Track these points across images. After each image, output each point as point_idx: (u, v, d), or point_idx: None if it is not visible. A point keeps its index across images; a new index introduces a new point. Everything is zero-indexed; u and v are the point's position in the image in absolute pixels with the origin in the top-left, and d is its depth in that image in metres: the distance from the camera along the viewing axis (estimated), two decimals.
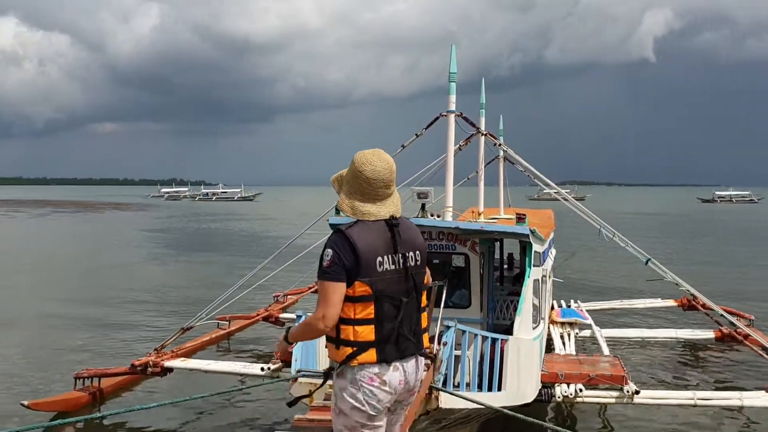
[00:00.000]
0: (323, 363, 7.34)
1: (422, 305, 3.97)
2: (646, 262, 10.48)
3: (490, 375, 7.10)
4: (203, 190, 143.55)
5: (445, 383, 6.54)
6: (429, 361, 6.37)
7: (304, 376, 6.40)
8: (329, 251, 3.64)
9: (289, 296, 15.54)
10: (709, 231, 49.83)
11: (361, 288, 3.63)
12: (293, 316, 12.45)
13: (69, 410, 9.42)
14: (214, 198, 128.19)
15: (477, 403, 6.08)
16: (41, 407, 9.22)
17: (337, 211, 8.57)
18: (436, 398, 6.13)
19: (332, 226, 8.55)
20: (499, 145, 12.12)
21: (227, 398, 9.85)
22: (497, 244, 11.72)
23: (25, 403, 9.17)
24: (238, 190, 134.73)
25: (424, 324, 3.99)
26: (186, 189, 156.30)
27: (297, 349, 6.91)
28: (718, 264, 28.08)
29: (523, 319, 7.66)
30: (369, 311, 3.67)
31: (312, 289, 15.79)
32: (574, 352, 10.41)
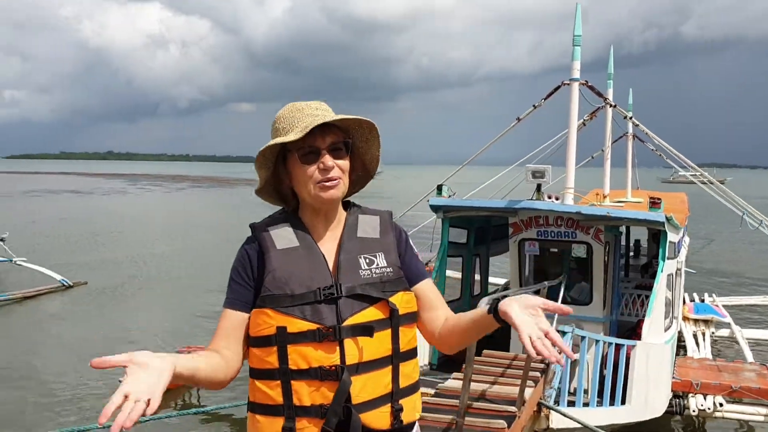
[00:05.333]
0: None
1: None
2: None
3: (613, 386, 6.12)
4: None
5: (558, 399, 5.64)
6: (539, 374, 5.51)
7: None
8: None
9: None
10: None
11: None
12: None
13: (216, 389, 9.29)
14: None
15: (593, 430, 5.14)
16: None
17: (439, 191, 7.78)
18: (547, 417, 5.27)
19: (433, 207, 7.80)
20: (629, 118, 10.80)
21: None
22: (624, 231, 10.52)
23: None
24: None
25: None
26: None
27: None
28: None
29: (653, 321, 6.63)
30: None
31: None
32: (710, 356, 9.28)
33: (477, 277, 9.84)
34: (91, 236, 29.42)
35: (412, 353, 2.03)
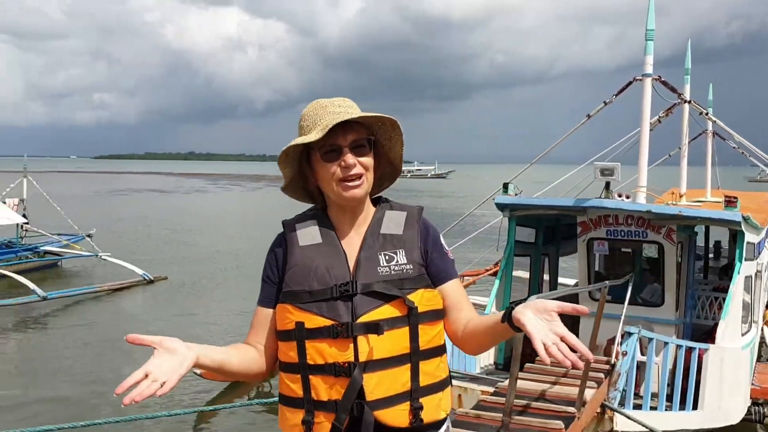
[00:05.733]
0: (477, 364, 6.63)
1: None
2: None
3: (684, 389, 5.92)
4: None
5: (623, 402, 5.50)
6: (602, 375, 5.39)
7: (453, 377, 5.70)
8: None
9: (465, 277, 14.89)
10: None
11: None
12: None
13: (256, 380, 9.58)
14: (409, 175, 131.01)
15: None
16: (213, 376, 9.45)
17: (505, 190, 7.71)
18: (611, 419, 5.14)
19: (498, 205, 7.73)
20: (706, 114, 10.39)
21: None
22: (701, 231, 10.13)
23: (198, 371, 9.45)
24: (432, 167, 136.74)
25: None
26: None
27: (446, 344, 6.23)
28: None
29: (728, 323, 6.38)
30: None
31: (490, 272, 15.00)
32: None
33: (546, 277, 9.69)
34: (172, 233, 30.63)
35: (435, 351, 1.98)
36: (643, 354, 6.14)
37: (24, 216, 20.28)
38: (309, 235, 2.03)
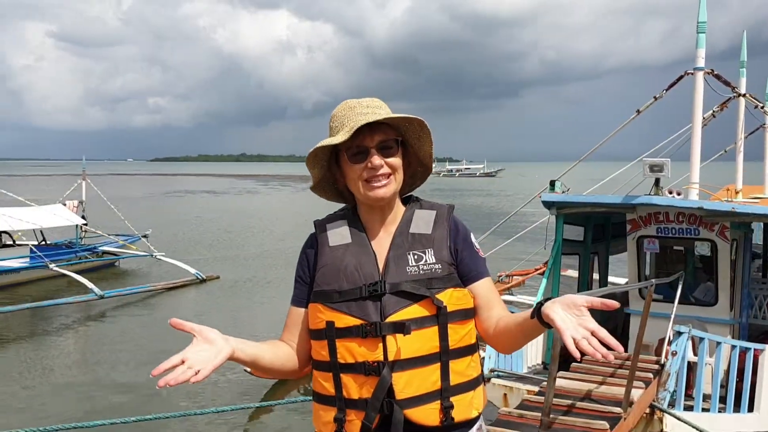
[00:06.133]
0: (525, 364, 6.54)
1: None
2: None
3: (738, 391, 5.74)
4: (448, 167, 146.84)
5: (673, 403, 5.36)
6: (651, 375, 5.27)
7: (498, 376, 5.66)
8: None
9: (514, 276, 14.75)
10: None
11: None
12: (515, 298, 11.66)
13: (290, 377, 9.71)
14: (458, 174, 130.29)
15: None
16: (263, 375, 9.60)
17: (552, 187, 7.62)
18: (660, 420, 5.02)
19: (545, 203, 7.63)
20: (763, 109, 10.05)
21: None
22: (759, 228, 9.80)
23: (247, 369, 9.62)
24: (481, 166, 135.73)
25: None
26: (433, 165, 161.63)
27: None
28: None
29: None
30: None
31: (539, 271, 14.82)
32: None
33: (596, 276, 9.53)
34: (224, 233, 31.22)
35: (466, 350, 1.97)
36: (695, 354, 5.99)
37: (83, 217, 21.02)
38: (339, 235, 2.05)
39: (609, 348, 1.61)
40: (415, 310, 1.90)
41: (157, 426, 8.13)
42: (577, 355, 1.59)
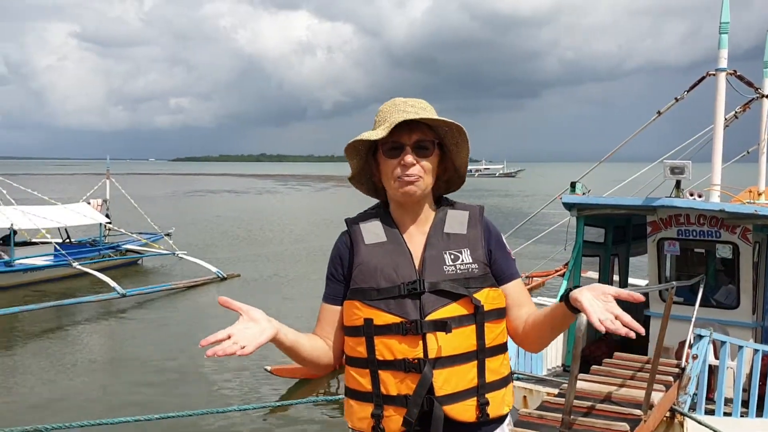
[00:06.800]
0: (544, 366, 6.54)
1: None
2: None
3: (762, 395, 5.70)
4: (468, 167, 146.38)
5: (694, 406, 5.34)
6: (671, 378, 5.26)
7: (518, 379, 5.67)
8: None
9: (534, 278, 14.74)
10: None
11: None
12: (536, 300, 11.64)
13: (310, 378, 9.79)
14: (477, 174, 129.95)
15: None
16: (282, 373, 9.70)
17: (572, 189, 7.61)
18: (681, 424, 5.01)
19: (566, 204, 7.62)
20: None
21: None
22: None
23: (268, 368, 9.72)
24: (501, 166, 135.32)
25: None
26: None
27: (512, 347, 6.19)
28: None
29: None
30: None
31: (559, 272, 14.78)
32: None
33: (616, 278, 9.49)
34: (244, 232, 31.47)
35: (499, 349, 2.02)
36: (717, 357, 5.95)
37: (107, 216, 21.31)
38: (373, 233, 2.08)
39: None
40: (454, 309, 1.95)
41: (177, 424, 8.24)
42: (601, 328, 1.65)
